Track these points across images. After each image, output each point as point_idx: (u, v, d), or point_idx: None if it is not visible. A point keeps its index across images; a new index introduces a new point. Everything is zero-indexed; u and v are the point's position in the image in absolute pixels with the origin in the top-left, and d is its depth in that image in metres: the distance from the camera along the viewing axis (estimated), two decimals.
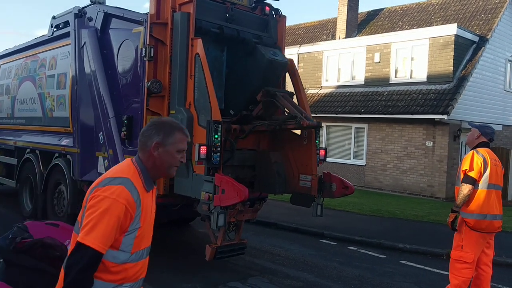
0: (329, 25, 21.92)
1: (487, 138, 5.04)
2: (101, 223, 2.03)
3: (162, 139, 2.25)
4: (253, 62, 6.38)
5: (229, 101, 6.69)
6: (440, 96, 14.68)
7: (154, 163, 2.29)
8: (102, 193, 2.10)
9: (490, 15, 16.54)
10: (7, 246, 3.08)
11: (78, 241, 2.03)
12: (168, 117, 2.53)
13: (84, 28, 7.34)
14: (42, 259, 3.07)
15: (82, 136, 7.24)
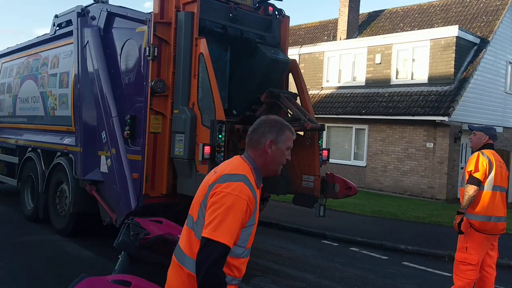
0: (330, 26, 21.93)
1: (493, 140, 5.04)
2: (227, 218, 2.08)
3: (275, 137, 2.30)
4: (255, 61, 6.39)
5: (232, 101, 6.69)
6: (441, 97, 14.69)
7: (266, 161, 2.33)
8: (224, 189, 2.14)
9: (491, 17, 16.56)
10: (132, 242, 3.20)
11: (206, 237, 2.07)
12: (276, 116, 2.58)
13: (87, 27, 7.33)
14: (164, 254, 3.14)
15: (85, 135, 7.23)
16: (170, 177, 6.10)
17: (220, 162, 5.39)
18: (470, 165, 4.81)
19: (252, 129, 2.36)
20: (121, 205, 6.31)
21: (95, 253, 6.85)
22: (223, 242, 2.05)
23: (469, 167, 4.81)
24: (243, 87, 6.59)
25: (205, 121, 5.63)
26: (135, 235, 3.26)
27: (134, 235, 3.26)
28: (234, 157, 2.40)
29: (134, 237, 3.24)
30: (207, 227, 2.09)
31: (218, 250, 2.05)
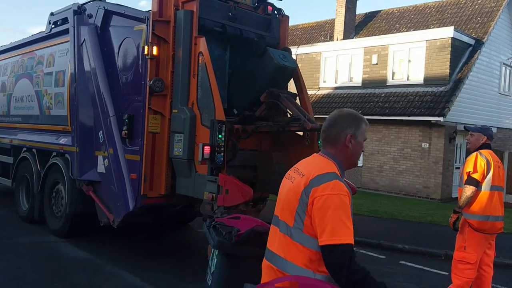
0: (327, 26, 21.95)
1: (490, 140, 5.05)
2: (338, 218, 2.07)
3: (354, 131, 2.30)
4: (261, 64, 6.32)
5: (232, 100, 6.64)
6: (436, 98, 14.74)
7: (346, 155, 2.32)
8: (323, 192, 2.11)
9: (486, 19, 16.64)
10: (228, 241, 3.32)
11: (328, 245, 2.05)
12: (349, 108, 2.56)
13: (84, 25, 7.25)
14: (259, 246, 3.24)
15: (81, 134, 7.15)
16: (169, 178, 6.04)
17: (220, 162, 5.39)
18: (468, 166, 4.82)
19: (329, 125, 2.34)
20: (119, 205, 6.24)
21: (92, 254, 6.77)
22: (345, 242, 2.05)
23: (467, 167, 4.82)
24: (244, 87, 6.54)
25: (205, 121, 5.58)
26: (229, 234, 3.38)
27: (228, 233, 3.38)
28: (314, 156, 2.39)
29: (228, 236, 3.37)
30: (322, 235, 2.07)
31: (345, 251, 2.04)
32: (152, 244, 7.69)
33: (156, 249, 7.41)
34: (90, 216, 6.97)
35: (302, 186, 2.19)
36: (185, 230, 8.83)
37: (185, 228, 8.90)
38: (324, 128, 2.37)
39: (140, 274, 6.04)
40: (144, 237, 7.97)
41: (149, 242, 7.79)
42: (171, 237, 8.27)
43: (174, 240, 8.18)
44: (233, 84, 6.72)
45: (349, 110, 2.41)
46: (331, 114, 2.40)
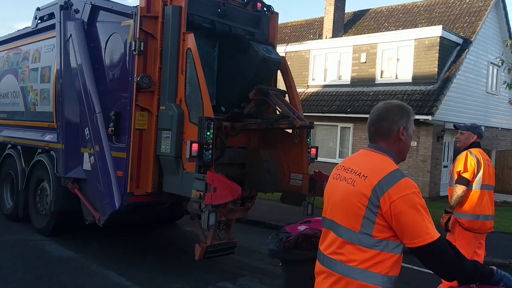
0: (316, 24, 21.93)
1: (480, 139, 5.04)
2: (423, 216, 2.01)
3: (406, 123, 2.24)
4: (247, 59, 6.27)
5: (221, 97, 6.57)
6: (424, 97, 14.80)
7: (399, 149, 2.25)
8: (398, 194, 2.02)
9: (474, 18, 16.75)
10: (279, 249, 3.47)
11: (423, 245, 1.97)
12: (396, 100, 2.50)
13: (70, 20, 7.13)
14: (310, 249, 3.35)
15: (67, 131, 7.04)
16: (156, 175, 5.96)
17: (208, 160, 5.32)
18: (459, 165, 4.80)
19: (380, 117, 2.26)
20: (105, 203, 6.15)
21: (76, 253, 6.68)
22: (437, 236, 1.98)
23: (458, 167, 4.80)
24: (232, 84, 6.48)
25: (193, 118, 5.51)
26: (279, 241, 3.53)
27: (278, 240, 3.54)
28: (366, 153, 2.27)
29: (278, 243, 3.51)
30: (414, 238, 1.99)
31: (441, 245, 2.00)
32: (139, 243, 7.60)
33: (142, 248, 7.32)
34: (75, 214, 6.86)
35: (368, 189, 2.07)
36: (172, 228, 8.75)
37: (172, 226, 8.82)
38: (372, 121, 2.29)
39: (126, 273, 5.96)
40: (130, 236, 7.87)
41: (135, 241, 7.70)
42: (158, 236, 8.19)
43: (161, 238, 8.10)
44: (222, 81, 6.65)
45: (397, 102, 2.35)
46: (378, 107, 2.32)
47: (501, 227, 10.08)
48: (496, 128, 18.69)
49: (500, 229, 9.81)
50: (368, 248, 2.06)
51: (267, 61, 6.23)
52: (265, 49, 6.30)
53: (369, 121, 2.32)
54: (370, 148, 2.28)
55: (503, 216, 11.96)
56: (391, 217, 2.02)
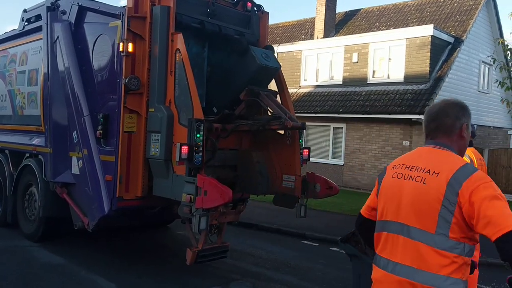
0: (307, 25, 21.89)
1: (472, 137, 4.98)
2: (504, 203, 1.95)
3: (467, 120, 2.23)
4: (243, 63, 6.15)
5: (211, 99, 6.47)
6: (417, 96, 14.79)
7: (460, 146, 2.22)
8: (475, 183, 1.97)
9: (465, 17, 16.78)
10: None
11: (505, 233, 1.86)
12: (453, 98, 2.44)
13: (57, 22, 6.99)
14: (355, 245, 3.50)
15: (55, 135, 6.91)
16: (145, 179, 5.84)
17: (199, 163, 5.21)
18: None
19: (442, 113, 2.21)
20: (94, 208, 6.02)
21: (66, 259, 6.55)
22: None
23: None
24: (223, 85, 6.37)
25: (183, 119, 5.40)
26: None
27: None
28: (430, 150, 2.21)
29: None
30: (498, 226, 1.89)
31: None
32: (129, 248, 7.48)
33: (132, 253, 7.20)
34: (64, 219, 6.74)
35: (443, 185, 2.01)
36: (163, 232, 8.63)
37: (163, 230, 8.70)
38: (432, 117, 2.23)
39: (116, 279, 5.85)
40: (120, 241, 7.75)
41: (125, 246, 7.57)
42: (148, 240, 8.06)
43: (151, 243, 7.98)
44: (212, 82, 6.55)
45: (455, 100, 2.31)
46: (436, 104, 2.27)
47: None
48: (488, 127, 18.74)
49: None
50: (447, 251, 1.99)
51: (265, 68, 6.12)
52: (264, 55, 6.16)
53: (427, 118, 2.27)
54: (432, 145, 2.21)
55: None
56: (471, 208, 1.95)
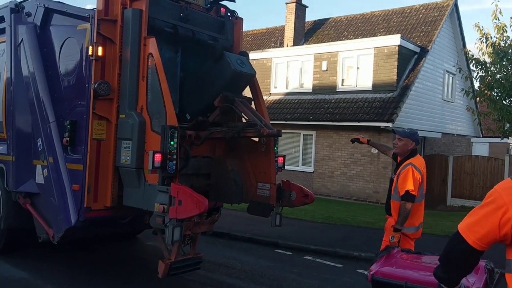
0: (277, 33, 21.99)
1: (417, 145, 5.07)
2: None
3: None
4: (218, 69, 6.02)
5: (184, 105, 6.29)
6: (385, 104, 15.03)
7: None
8: None
9: (430, 27, 17.22)
10: None
11: None
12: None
13: (22, 24, 6.67)
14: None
15: (18, 142, 6.57)
16: (115, 188, 5.59)
17: (172, 171, 5.02)
18: (407, 183, 4.75)
19: None
20: (60, 219, 5.73)
21: (29, 274, 6.20)
22: None
23: (407, 185, 4.74)
24: (197, 91, 6.22)
25: (155, 126, 5.21)
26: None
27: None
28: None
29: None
30: None
31: None
32: (97, 260, 7.17)
33: (101, 265, 6.90)
34: (27, 231, 6.38)
35: None
36: (132, 243, 8.34)
37: (133, 241, 8.41)
38: None
39: None
40: (86, 253, 7.42)
41: (93, 258, 7.26)
42: (117, 252, 7.77)
43: (121, 254, 7.69)
44: (185, 88, 6.37)
45: None
46: None
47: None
48: (452, 135, 19.25)
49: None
50: None
51: (240, 75, 6.01)
52: (238, 61, 6.05)
53: None
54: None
55: None
56: None
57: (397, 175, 4.90)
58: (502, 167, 15.76)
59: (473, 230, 2.04)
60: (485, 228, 2.01)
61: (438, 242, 9.19)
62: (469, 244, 2.04)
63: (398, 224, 4.74)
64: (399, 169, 4.90)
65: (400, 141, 4.99)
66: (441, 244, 2.21)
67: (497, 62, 11.26)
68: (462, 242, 2.06)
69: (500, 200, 1.97)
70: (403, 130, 5.11)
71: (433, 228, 10.86)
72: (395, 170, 5.09)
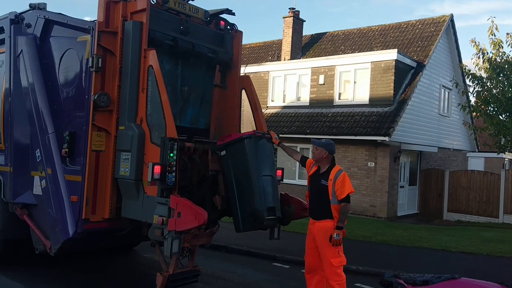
0: (274, 46, 22.14)
1: (331, 155, 5.56)
2: None
3: None
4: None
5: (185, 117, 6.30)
6: (381, 118, 15.10)
7: None
8: None
9: (426, 43, 17.40)
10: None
11: None
12: None
13: (21, 35, 6.70)
14: None
15: (16, 153, 6.55)
16: (114, 200, 5.57)
17: (172, 183, 5.01)
18: (346, 187, 5.29)
19: None
20: (57, 231, 5.69)
21: (26, 286, 6.13)
22: None
23: (346, 188, 5.28)
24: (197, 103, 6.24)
25: (155, 138, 5.21)
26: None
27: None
28: None
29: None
30: None
31: None
32: (94, 273, 7.10)
33: (98, 278, 6.84)
34: (24, 243, 6.33)
35: None
36: (129, 255, 8.27)
37: (130, 253, 8.34)
38: None
39: None
40: (83, 265, 7.35)
41: (90, 270, 7.19)
42: (114, 264, 7.70)
43: (118, 267, 7.62)
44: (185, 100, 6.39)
45: None
46: None
47: (460, 246, 10.24)
48: (448, 149, 19.32)
49: (460, 249, 9.95)
50: None
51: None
52: None
53: None
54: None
55: (460, 235, 12.22)
56: None
57: (331, 181, 5.32)
58: (498, 181, 15.83)
59: None
60: None
61: (434, 257, 9.18)
62: None
63: (341, 223, 5.29)
64: (332, 176, 5.34)
65: (316, 149, 5.55)
66: (437, 258, 2.19)
67: (494, 77, 11.37)
68: None
69: None
70: (319, 141, 5.62)
71: (430, 242, 10.86)
72: (318, 179, 5.50)
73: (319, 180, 5.48)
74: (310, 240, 5.63)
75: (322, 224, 5.38)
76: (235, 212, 5.72)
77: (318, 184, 5.47)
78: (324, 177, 5.44)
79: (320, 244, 5.38)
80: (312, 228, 5.56)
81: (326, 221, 5.35)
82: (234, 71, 6.77)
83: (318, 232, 5.41)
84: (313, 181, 5.63)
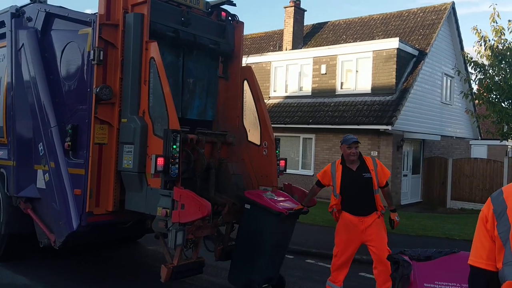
0: (276, 36, 22.03)
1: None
2: None
3: None
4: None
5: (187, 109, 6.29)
6: (384, 107, 15.05)
7: None
8: None
9: (428, 31, 17.28)
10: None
11: None
12: None
13: (22, 28, 6.67)
14: None
15: (19, 147, 6.55)
16: (117, 193, 5.58)
17: (175, 175, 5.02)
18: (386, 169, 5.49)
19: None
20: (61, 224, 5.71)
21: (30, 280, 6.18)
22: None
23: (386, 170, 5.47)
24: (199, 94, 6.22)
25: (157, 130, 5.21)
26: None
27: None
28: None
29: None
30: None
31: None
32: (98, 265, 7.14)
33: (102, 270, 6.88)
34: (28, 236, 6.36)
35: None
36: (133, 248, 8.31)
37: (134, 245, 8.38)
38: None
39: None
40: (88, 258, 7.39)
41: (94, 263, 7.23)
42: (119, 256, 7.74)
43: (122, 259, 7.66)
44: (187, 91, 6.37)
45: None
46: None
47: (464, 234, 10.25)
48: (451, 137, 19.28)
49: (463, 237, 9.96)
50: None
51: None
52: None
53: None
54: None
55: (463, 223, 12.23)
56: None
57: (373, 171, 5.30)
58: (501, 169, 15.80)
59: (478, 255, 2.04)
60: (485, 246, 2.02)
61: (438, 245, 9.19)
62: (484, 268, 2.01)
63: (394, 205, 5.47)
64: (372, 166, 5.33)
65: (356, 148, 5.45)
66: (441, 246, 2.20)
67: (496, 64, 11.29)
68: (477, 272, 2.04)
69: (481, 214, 2.08)
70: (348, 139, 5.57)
71: (433, 230, 10.88)
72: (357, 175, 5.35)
73: (360, 176, 5.30)
74: (357, 237, 5.42)
75: (372, 218, 5.26)
76: (234, 261, 5.92)
77: (360, 181, 5.29)
78: (363, 171, 5.32)
79: (375, 237, 5.24)
80: (360, 224, 5.31)
81: (374, 214, 5.26)
82: (236, 62, 6.74)
83: (373, 227, 5.26)
84: (350, 181, 5.39)
